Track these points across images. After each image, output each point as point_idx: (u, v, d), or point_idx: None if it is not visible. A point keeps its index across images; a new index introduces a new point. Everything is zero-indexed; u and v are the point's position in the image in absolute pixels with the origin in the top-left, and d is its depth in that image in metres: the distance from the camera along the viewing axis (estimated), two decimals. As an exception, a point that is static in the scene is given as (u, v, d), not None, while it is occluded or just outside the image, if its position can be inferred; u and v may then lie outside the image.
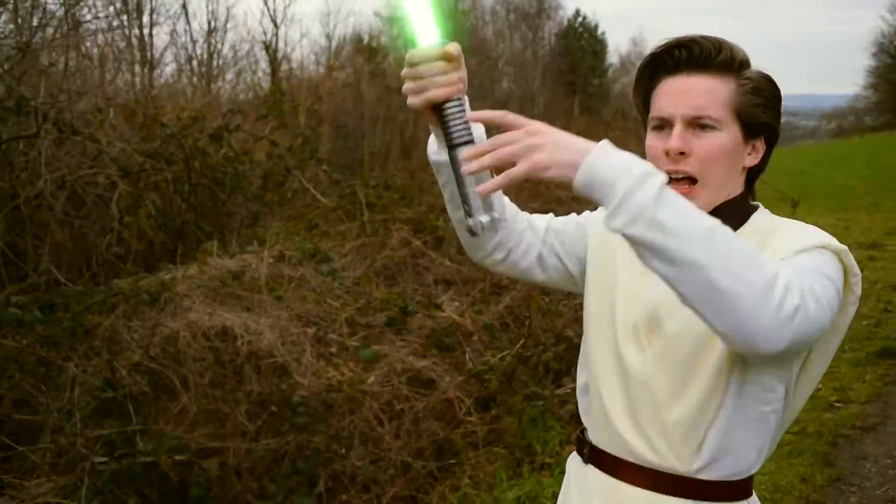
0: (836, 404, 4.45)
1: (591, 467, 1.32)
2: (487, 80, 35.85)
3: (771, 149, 1.29)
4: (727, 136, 1.21)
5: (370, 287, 4.94)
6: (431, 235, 5.78)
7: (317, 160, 7.63)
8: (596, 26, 42.99)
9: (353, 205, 5.96)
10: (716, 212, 1.17)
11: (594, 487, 1.30)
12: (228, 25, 25.68)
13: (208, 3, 24.24)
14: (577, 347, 1.46)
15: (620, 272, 1.30)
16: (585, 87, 40.70)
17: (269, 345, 4.02)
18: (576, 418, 1.63)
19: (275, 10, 28.46)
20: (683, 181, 1.21)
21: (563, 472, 1.44)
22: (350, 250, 5.62)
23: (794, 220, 1.29)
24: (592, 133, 9.05)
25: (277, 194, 7.50)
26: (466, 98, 1.12)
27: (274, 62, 28.38)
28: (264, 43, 28.08)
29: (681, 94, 1.22)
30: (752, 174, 1.29)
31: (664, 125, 1.24)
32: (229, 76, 27.18)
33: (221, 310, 4.22)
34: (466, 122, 1.11)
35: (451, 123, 1.11)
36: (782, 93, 1.28)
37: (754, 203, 1.31)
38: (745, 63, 1.23)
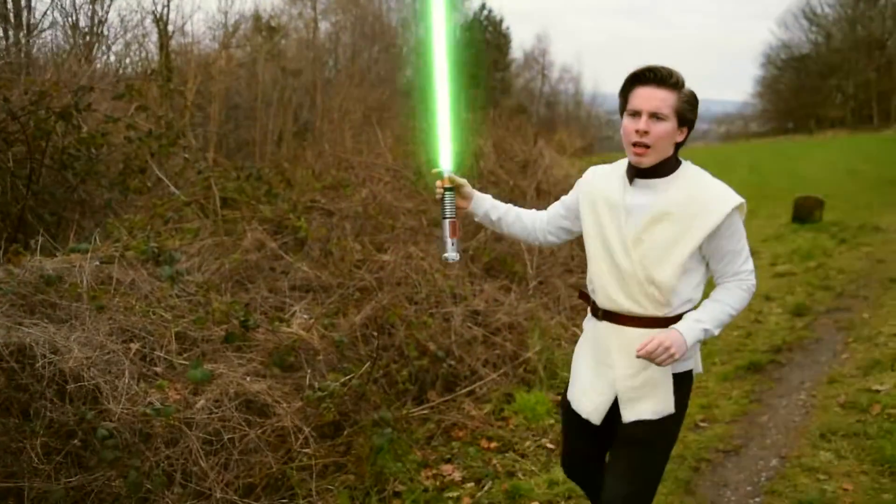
0: (702, 424, 4.31)
1: (603, 322, 2.31)
2: (390, 69, 35.38)
3: (690, 130, 2.23)
4: (670, 125, 2.15)
5: (215, 294, 4.44)
6: (292, 237, 5.33)
7: (183, 147, 6.98)
8: (501, 20, 43.07)
9: (208, 199, 5.43)
10: (660, 164, 2.20)
11: (608, 332, 2.31)
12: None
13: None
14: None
15: (602, 213, 2.30)
16: (488, 80, 40.75)
17: (78, 365, 3.49)
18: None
19: (166, -21, 27.01)
20: (642, 147, 2.17)
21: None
22: (200, 251, 5.09)
23: (704, 172, 2.26)
24: (496, 126, 8.96)
25: (138, 182, 6.83)
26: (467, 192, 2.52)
27: (164, 35, 26.92)
28: (154, 13, 26.64)
29: (648, 97, 2.15)
30: (679, 146, 2.23)
31: (636, 114, 2.16)
32: (117, 48, 25.58)
33: (27, 322, 3.65)
34: (453, 207, 2.46)
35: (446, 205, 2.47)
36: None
37: (680, 159, 2.25)
38: (683, 84, 2.17)
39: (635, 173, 2.25)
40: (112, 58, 24.61)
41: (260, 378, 3.80)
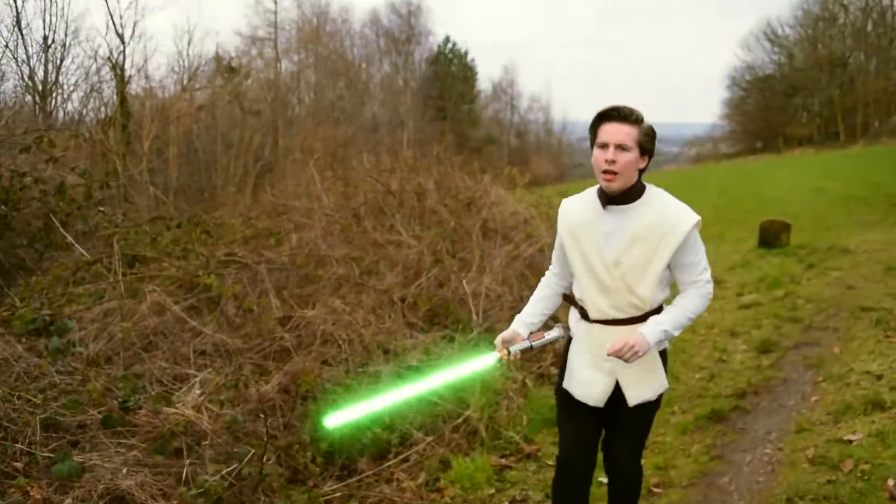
0: (656, 490, 3.83)
1: (595, 325, 2.73)
2: (356, 104, 35.12)
3: (650, 158, 2.64)
4: (634, 154, 2.57)
5: (95, 370, 3.92)
6: (206, 295, 4.83)
7: (96, 203, 6.47)
8: (466, 53, 43.17)
9: (111, 258, 4.92)
10: (628, 190, 2.60)
11: (601, 332, 2.71)
12: (70, 40, 23.63)
13: (44, 16, 22.29)
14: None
15: (582, 239, 2.70)
16: (455, 112, 40.67)
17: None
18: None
19: (122, 25, 26.59)
20: (611, 174, 2.55)
21: None
22: (99, 316, 4.58)
23: (665, 194, 2.67)
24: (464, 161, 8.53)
25: (59, 239, 6.30)
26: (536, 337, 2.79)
27: (120, 81, 26.47)
28: (109, 60, 26.17)
29: (614, 132, 2.56)
30: (642, 171, 2.63)
31: (605, 146, 2.57)
32: (78, 95, 25.06)
33: None
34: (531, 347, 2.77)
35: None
36: (652, 120, 2.65)
37: (644, 183, 2.66)
38: (642, 120, 2.59)
39: (608, 200, 2.65)
40: (70, 107, 23.97)
41: (140, 468, 3.28)
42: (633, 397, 2.71)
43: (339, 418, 2.73)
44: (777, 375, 5.29)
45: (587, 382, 2.75)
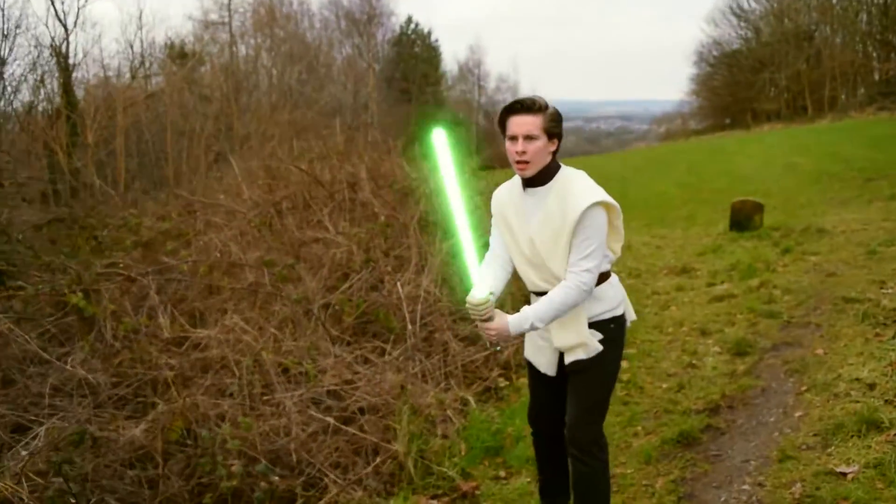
0: (614, 545, 3.13)
1: (535, 295, 2.86)
2: (316, 88, 33.99)
3: (560, 139, 2.73)
4: (541, 142, 2.66)
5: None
6: (77, 316, 4.03)
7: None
8: (429, 33, 42.12)
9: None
10: (540, 173, 2.70)
11: (538, 299, 2.77)
12: (14, 30, 22.44)
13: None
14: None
15: (511, 221, 2.82)
16: (419, 95, 39.71)
17: None
18: None
19: (65, 12, 25.26)
20: (523, 163, 2.65)
21: None
22: (-59, 345, 3.76)
23: (579, 175, 2.74)
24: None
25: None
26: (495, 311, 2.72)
27: (65, 71, 25.20)
28: (52, 48, 24.87)
29: (521, 124, 2.65)
30: (555, 153, 2.74)
31: (514, 138, 2.65)
32: (27, 86, 23.80)
33: None
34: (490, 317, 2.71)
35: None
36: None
37: (557, 162, 2.76)
38: (545, 107, 2.68)
39: (526, 183, 2.77)
40: (16, 103, 22.73)
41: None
42: (568, 357, 2.84)
43: (439, 140, 2.59)
44: (754, 384, 4.61)
45: (536, 351, 3.00)
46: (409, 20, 42.12)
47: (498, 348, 2.98)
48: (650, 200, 15.09)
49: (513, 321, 2.69)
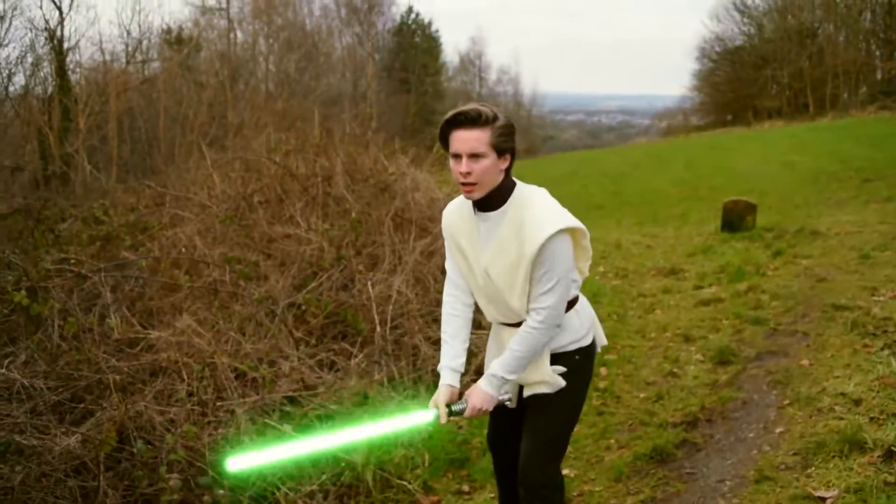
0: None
1: (496, 325, 2.61)
2: (313, 77, 33.70)
3: (513, 154, 2.37)
4: (490, 160, 2.30)
5: None
6: (21, 316, 3.82)
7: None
8: (429, 23, 41.79)
9: None
10: (489, 195, 2.36)
11: (501, 332, 2.57)
12: (10, 12, 22.19)
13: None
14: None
15: (465, 248, 2.50)
16: (419, 85, 39.42)
17: None
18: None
19: (60, -5, 24.95)
20: (470, 185, 2.32)
21: None
22: None
23: (539, 196, 2.41)
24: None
25: None
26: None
27: (59, 55, 24.92)
28: (47, 30, 24.59)
29: (464, 140, 2.29)
30: (508, 170, 2.38)
31: (458, 156, 2.31)
32: (23, 70, 23.53)
33: None
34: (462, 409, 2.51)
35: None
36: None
37: (512, 181, 2.41)
38: (495, 118, 2.29)
39: (476, 205, 2.44)
40: (12, 88, 22.51)
41: None
42: (528, 390, 2.58)
43: (243, 462, 2.30)
44: (735, 396, 4.41)
45: None
46: (410, 10, 41.83)
47: (508, 402, 2.62)
48: (645, 197, 14.89)
49: (487, 385, 2.46)
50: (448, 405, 2.52)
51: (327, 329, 4.82)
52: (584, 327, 2.57)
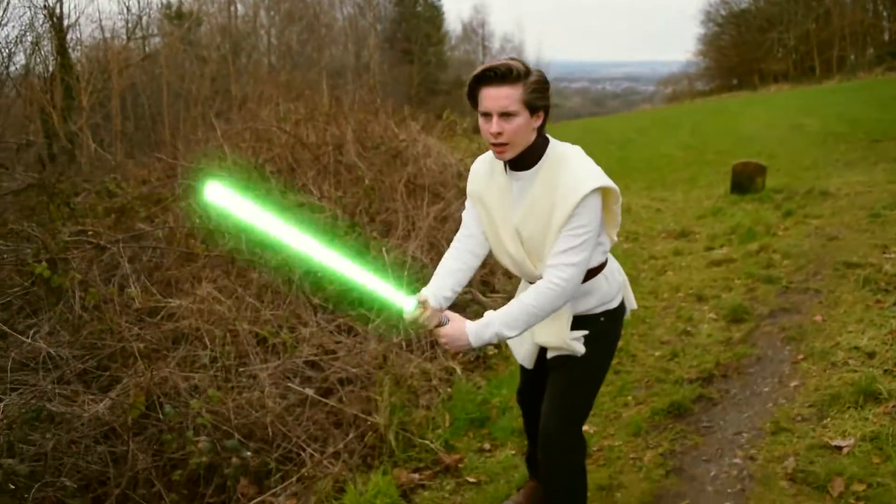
0: (598, 522, 3.02)
1: (523, 281, 2.61)
2: (315, 49, 33.45)
3: (547, 111, 2.27)
4: (522, 118, 2.20)
5: None
6: (44, 287, 3.87)
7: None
8: (431, -7, 41.33)
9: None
10: (522, 154, 2.28)
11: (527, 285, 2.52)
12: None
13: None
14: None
15: (490, 206, 2.43)
16: (422, 55, 39.12)
17: None
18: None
19: (57, -31, 24.75)
20: (501, 146, 2.24)
21: None
22: None
23: (574, 154, 2.33)
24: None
25: None
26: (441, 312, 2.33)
27: (59, 31, 24.78)
28: (46, 8, 24.43)
29: (494, 98, 2.18)
30: (541, 128, 2.29)
31: (488, 115, 2.22)
32: (23, 49, 23.41)
33: None
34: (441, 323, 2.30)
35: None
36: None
37: (545, 138, 2.32)
38: (527, 73, 2.18)
39: (508, 165, 2.36)
40: (13, 68, 22.41)
41: None
42: (550, 352, 2.57)
43: (220, 196, 1.99)
44: (750, 352, 4.46)
45: (518, 342, 2.73)
46: (411, -21, 41.32)
47: (477, 353, 2.68)
48: (653, 162, 14.83)
49: (472, 329, 2.24)
50: (422, 313, 2.28)
51: (344, 295, 4.86)
52: (612, 290, 2.51)
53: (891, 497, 2.78)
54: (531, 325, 2.29)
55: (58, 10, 24.41)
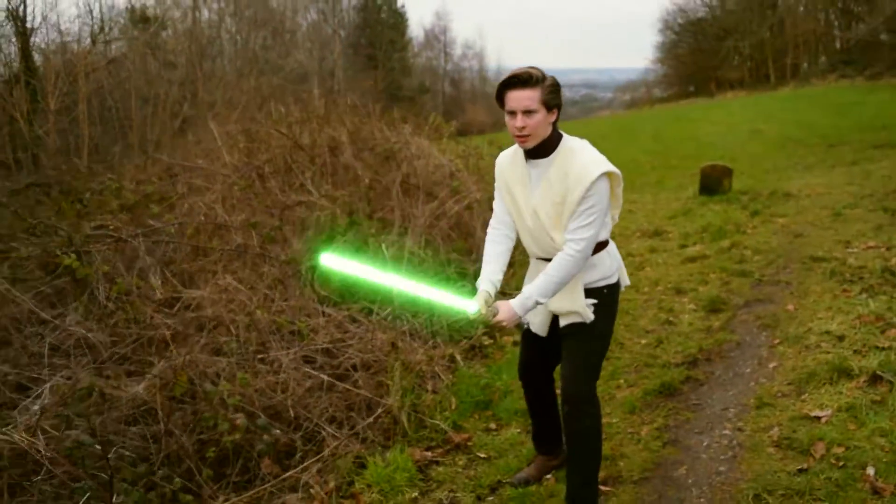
0: (603, 487, 3.29)
1: (536, 259, 3.01)
2: (281, 55, 33.44)
3: (560, 109, 2.76)
4: (541, 114, 2.69)
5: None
6: (69, 278, 4.03)
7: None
8: (395, -1, 41.60)
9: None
10: (540, 145, 2.77)
11: (539, 267, 2.94)
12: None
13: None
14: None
15: (515, 191, 2.91)
16: (386, 61, 39.35)
17: None
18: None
19: (19, -29, 24.38)
20: (524, 137, 2.72)
21: None
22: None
23: (583, 145, 2.80)
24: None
25: None
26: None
27: (23, 35, 24.42)
28: (9, 9, 24.06)
29: (518, 99, 2.68)
30: (555, 123, 2.77)
31: (513, 113, 2.70)
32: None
33: None
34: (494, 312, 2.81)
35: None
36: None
37: (559, 132, 2.80)
38: (542, 78, 2.69)
39: (528, 154, 2.84)
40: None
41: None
42: (563, 320, 2.96)
43: (333, 262, 2.79)
44: (730, 338, 4.80)
45: (533, 313, 3.04)
46: (375, -15, 41.54)
47: (525, 325, 3.11)
48: (619, 166, 15.25)
49: (517, 304, 2.77)
50: (487, 311, 2.83)
51: (346, 289, 5.08)
52: (612, 267, 2.98)
53: (867, 457, 3.11)
54: (557, 290, 2.80)
55: (20, 12, 24.11)
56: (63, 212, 4.76)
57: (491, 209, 3.15)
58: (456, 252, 5.45)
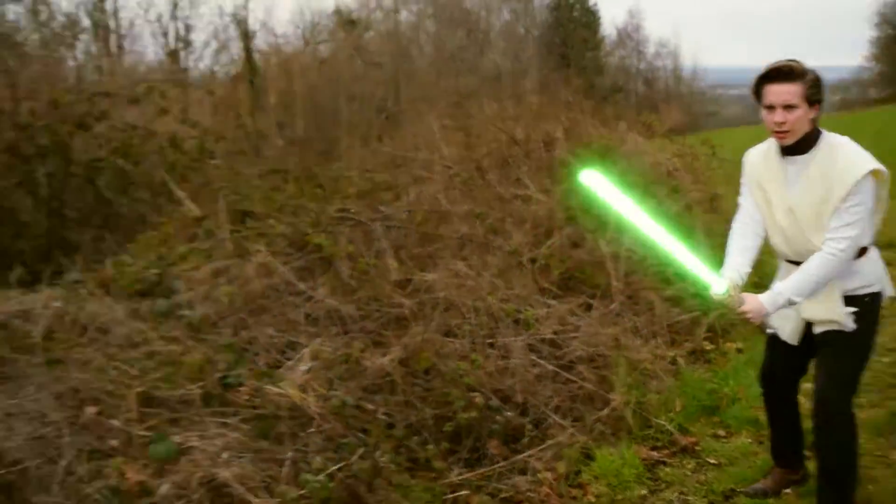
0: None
1: (787, 263, 2.86)
2: (475, 54, 34.17)
3: (821, 105, 2.65)
4: (802, 110, 2.60)
5: (207, 334, 3.56)
6: (317, 255, 4.38)
7: (209, 154, 6.22)
8: (588, -4, 41.08)
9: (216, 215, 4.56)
10: (799, 141, 2.66)
11: (788, 269, 2.83)
12: (197, -1, 24.14)
13: (165, -26, 22.83)
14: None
15: (766, 188, 2.81)
16: (578, 60, 38.98)
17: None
18: None
19: (245, -20, 26.78)
20: (783, 133, 2.64)
21: None
22: (206, 277, 4.23)
23: (847, 141, 2.68)
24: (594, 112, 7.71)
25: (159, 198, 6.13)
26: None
27: (245, 36, 26.78)
28: (234, 16, 26.51)
29: (778, 93, 2.61)
30: (816, 119, 2.65)
31: (772, 107, 2.62)
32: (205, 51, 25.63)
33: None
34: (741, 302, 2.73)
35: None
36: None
37: (818, 129, 2.68)
38: (804, 72, 2.60)
39: (784, 150, 2.73)
40: (202, 65, 24.67)
41: (241, 454, 2.87)
42: (817, 328, 2.81)
43: (594, 181, 2.69)
44: None
45: (783, 318, 2.92)
46: (569, -17, 41.29)
47: (769, 330, 2.98)
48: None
49: (766, 300, 2.67)
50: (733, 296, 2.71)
51: (564, 283, 5.12)
52: (873, 275, 2.79)
53: None
54: (814, 291, 2.66)
55: (244, 17, 26.47)
56: (307, 195, 5.16)
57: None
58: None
